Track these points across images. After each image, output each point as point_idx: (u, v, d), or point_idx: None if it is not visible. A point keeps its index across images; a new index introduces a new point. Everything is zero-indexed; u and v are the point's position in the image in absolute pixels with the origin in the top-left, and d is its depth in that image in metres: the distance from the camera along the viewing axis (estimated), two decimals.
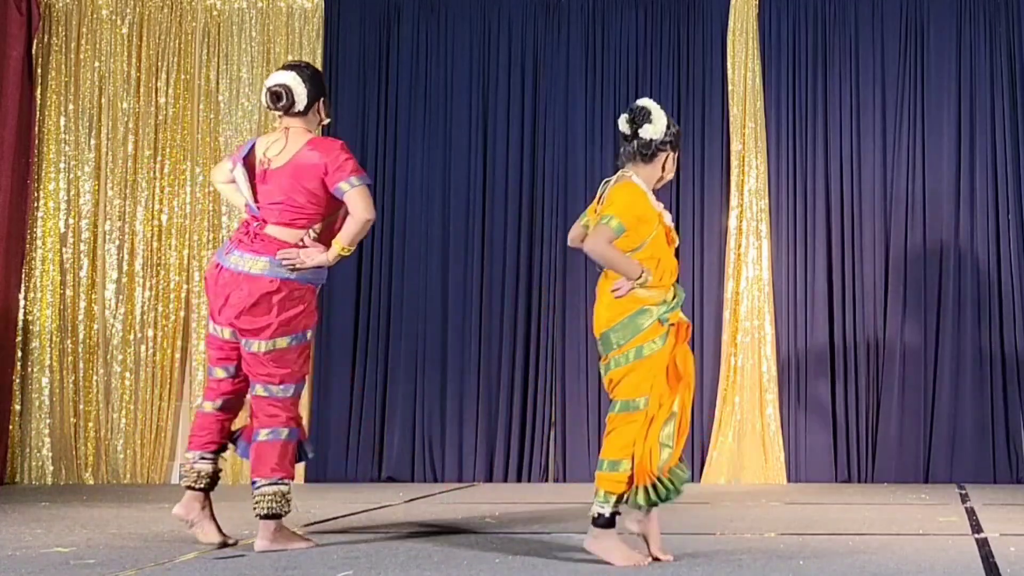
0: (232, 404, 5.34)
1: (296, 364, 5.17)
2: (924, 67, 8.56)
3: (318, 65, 8.68)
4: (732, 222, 8.46)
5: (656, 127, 4.88)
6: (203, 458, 5.28)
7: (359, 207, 5.11)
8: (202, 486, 5.28)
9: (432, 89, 8.85)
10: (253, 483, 5.14)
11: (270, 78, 5.33)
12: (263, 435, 5.13)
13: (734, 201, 8.50)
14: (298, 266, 5.10)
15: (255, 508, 5.12)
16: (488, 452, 8.58)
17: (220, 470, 5.37)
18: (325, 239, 5.20)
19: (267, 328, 5.09)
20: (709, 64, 8.69)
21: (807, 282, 8.47)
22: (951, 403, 8.32)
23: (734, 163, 8.52)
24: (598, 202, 4.92)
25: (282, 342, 5.12)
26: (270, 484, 5.10)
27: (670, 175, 5.05)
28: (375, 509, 6.64)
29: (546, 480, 8.56)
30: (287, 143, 5.21)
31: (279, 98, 5.22)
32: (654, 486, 4.69)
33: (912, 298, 8.41)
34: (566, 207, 8.70)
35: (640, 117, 4.87)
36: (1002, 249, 8.40)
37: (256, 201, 5.20)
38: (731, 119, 8.53)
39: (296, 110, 5.24)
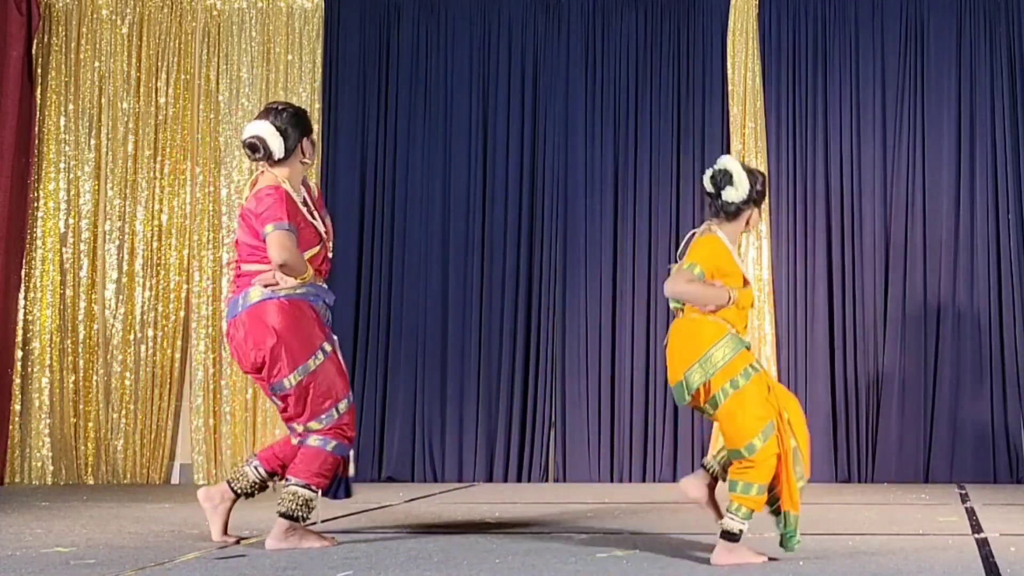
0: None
1: (328, 385, 5.15)
2: (924, 67, 8.56)
3: (318, 65, 8.69)
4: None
5: (738, 191, 4.90)
6: (257, 468, 5.29)
7: (271, 254, 5.07)
8: (237, 488, 5.29)
9: (432, 89, 8.85)
10: (285, 479, 5.18)
11: (245, 129, 5.31)
12: (312, 440, 5.14)
13: None
14: (276, 288, 5.11)
15: (278, 504, 5.15)
16: (488, 452, 8.58)
17: (263, 488, 5.34)
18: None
19: (286, 360, 5.09)
20: (709, 64, 8.69)
21: (807, 282, 8.48)
22: (951, 403, 8.33)
23: None
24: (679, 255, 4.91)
25: (303, 371, 5.11)
26: (299, 486, 5.12)
27: (754, 228, 5.13)
28: (375, 509, 6.64)
29: (546, 480, 8.56)
30: (255, 186, 5.26)
31: (255, 149, 5.21)
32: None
33: (912, 298, 8.41)
34: (566, 207, 8.70)
35: (722, 180, 4.90)
36: (1002, 249, 8.40)
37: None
38: (731, 119, 8.53)
39: (275, 159, 5.22)
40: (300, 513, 5.13)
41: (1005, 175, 8.42)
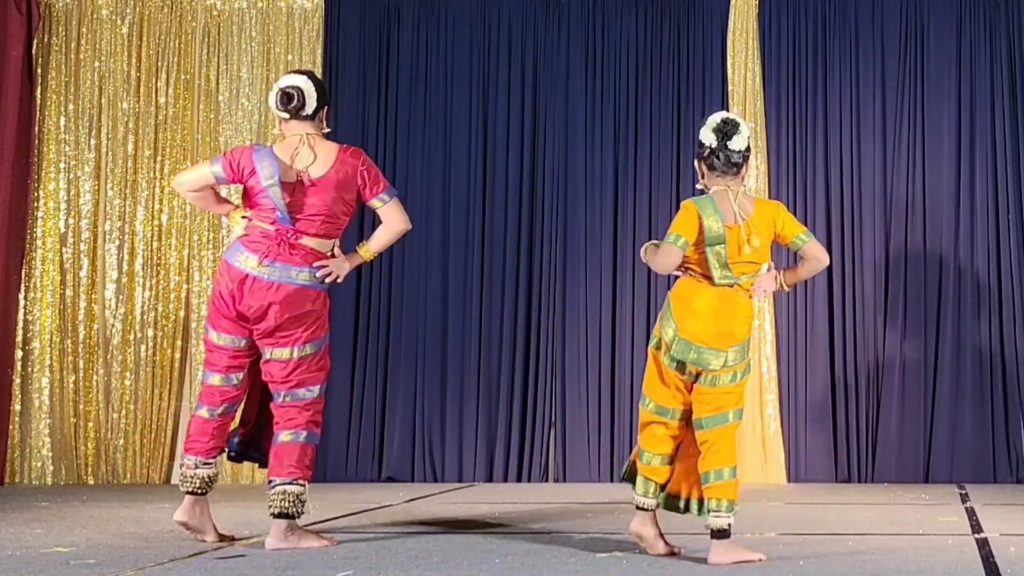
0: (234, 409, 5.38)
1: (319, 365, 5.26)
2: (924, 67, 8.56)
3: (318, 65, 8.70)
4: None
5: (744, 137, 4.94)
6: (205, 463, 5.32)
7: (398, 218, 5.37)
8: (202, 491, 5.30)
9: (432, 89, 8.85)
10: (269, 482, 5.18)
11: (282, 79, 5.36)
12: (284, 436, 5.19)
13: None
14: (332, 279, 5.25)
15: (269, 507, 5.15)
16: (488, 452, 8.58)
17: (218, 473, 5.42)
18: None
19: (300, 336, 5.18)
20: (709, 64, 8.69)
21: (807, 282, 8.47)
22: (951, 403, 8.32)
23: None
24: (724, 225, 4.87)
25: (310, 348, 5.22)
26: (285, 484, 5.13)
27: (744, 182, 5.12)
28: (375, 509, 6.64)
29: (546, 480, 8.56)
30: (317, 154, 5.24)
31: (291, 99, 5.24)
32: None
33: (912, 298, 8.41)
34: (566, 207, 8.70)
35: (730, 128, 4.92)
36: (1002, 249, 8.40)
37: (290, 212, 5.20)
38: None
39: (305, 113, 5.27)
40: (293, 510, 5.14)
41: (1005, 175, 8.42)
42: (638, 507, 4.94)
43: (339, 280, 5.30)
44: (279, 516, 5.13)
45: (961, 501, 6.99)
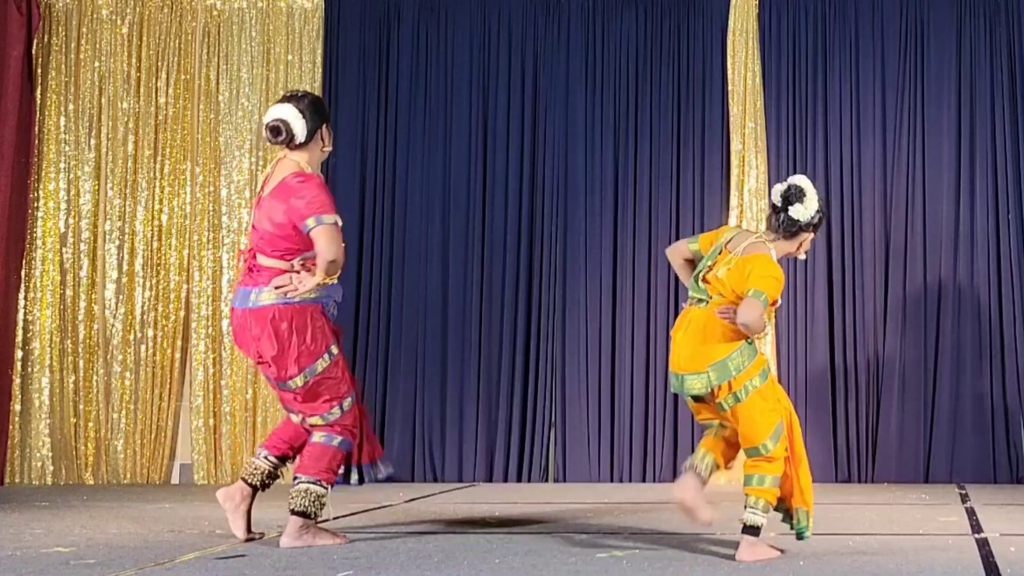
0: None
1: (334, 386, 5.19)
2: (924, 67, 8.56)
3: (318, 65, 8.70)
4: (732, 222, 8.45)
5: (807, 210, 4.98)
6: (267, 457, 5.33)
7: (320, 248, 5.00)
8: (254, 482, 5.31)
9: (432, 89, 8.85)
10: (295, 478, 5.20)
11: (268, 112, 5.29)
12: (317, 437, 5.21)
13: (734, 201, 8.50)
14: (291, 294, 5.07)
15: (290, 502, 5.18)
16: (488, 452, 8.58)
17: (277, 476, 5.39)
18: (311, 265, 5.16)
19: (292, 365, 5.11)
20: (709, 64, 8.69)
21: (807, 282, 8.47)
22: (951, 403, 8.33)
23: (734, 163, 8.52)
24: (722, 246, 4.98)
25: (310, 373, 5.15)
26: (308, 482, 5.15)
27: (802, 255, 5.16)
28: (375, 509, 6.64)
29: (546, 480, 8.56)
30: (274, 172, 5.23)
31: (278, 133, 5.19)
32: None
33: (912, 298, 8.41)
34: (566, 207, 8.70)
35: (795, 196, 4.97)
36: (1002, 249, 8.40)
37: (252, 232, 5.23)
38: (731, 119, 8.53)
39: (296, 143, 5.22)
40: (312, 510, 5.17)
41: (1005, 175, 8.42)
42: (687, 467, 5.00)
43: (300, 289, 5.07)
44: (297, 514, 5.15)
45: (961, 501, 6.99)
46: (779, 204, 5.00)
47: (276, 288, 5.08)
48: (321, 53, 8.77)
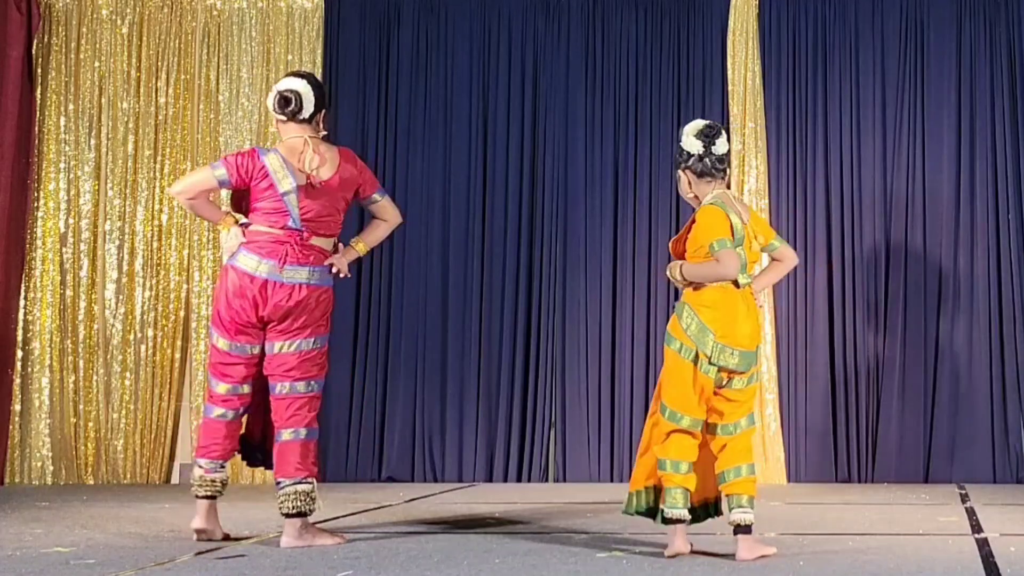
0: (245, 413, 5.42)
1: (322, 361, 5.37)
2: (924, 67, 8.56)
3: (318, 65, 8.70)
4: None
5: (725, 140, 5.03)
6: (221, 467, 5.34)
7: (393, 213, 5.54)
8: (219, 495, 5.34)
9: (432, 89, 8.85)
10: (277, 483, 5.22)
11: (281, 82, 5.42)
12: (285, 435, 5.24)
13: None
14: (340, 273, 5.37)
15: (280, 507, 5.19)
16: (488, 452, 8.58)
17: (225, 479, 5.42)
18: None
19: (306, 329, 5.28)
20: (709, 64, 8.69)
21: (807, 282, 8.47)
22: (951, 403, 8.33)
23: (734, 163, 8.51)
24: (742, 226, 4.96)
25: (317, 342, 5.32)
26: (294, 483, 5.18)
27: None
28: (375, 509, 6.64)
29: (546, 480, 8.56)
30: (323, 157, 5.32)
31: (288, 103, 5.30)
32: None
33: (912, 298, 8.41)
34: (566, 208, 8.70)
35: (714, 132, 4.99)
36: (1002, 249, 8.39)
37: (300, 215, 5.29)
38: (731, 119, 8.53)
39: (302, 117, 5.32)
40: (306, 508, 5.20)
41: (1005, 175, 8.42)
42: (672, 520, 4.86)
43: (342, 275, 5.40)
44: (293, 515, 5.16)
45: (961, 501, 6.99)
46: (701, 148, 4.95)
47: (333, 270, 5.35)
48: (321, 53, 8.77)
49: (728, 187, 5.10)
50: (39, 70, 8.75)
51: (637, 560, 4.81)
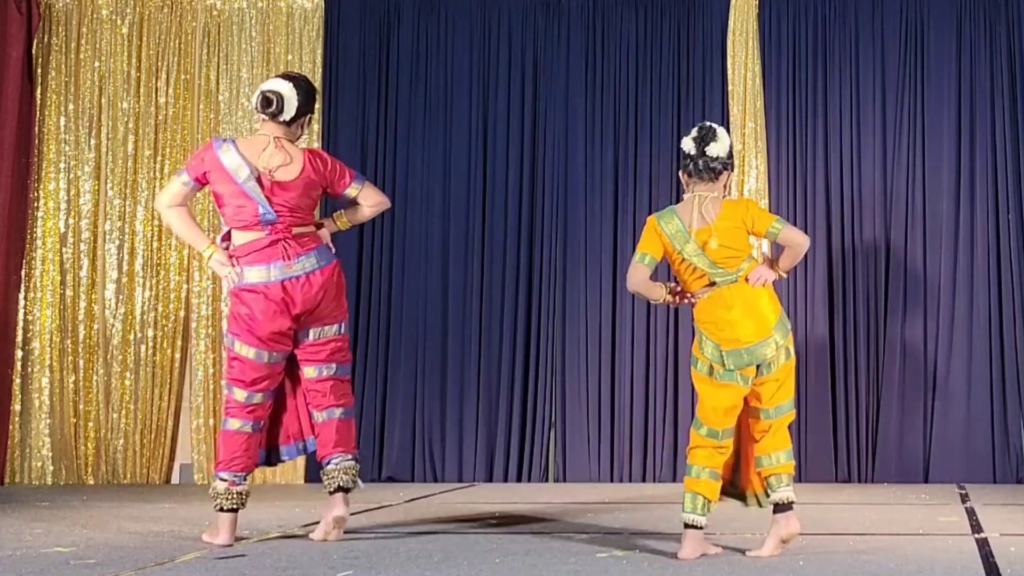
0: (265, 422, 5.45)
1: (349, 345, 5.58)
2: (924, 67, 8.56)
3: (318, 65, 8.70)
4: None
5: (721, 146, 5.05)
6: (244, 479, 5.34)
7: (375, 196, 5.56)
8: (242, 507, 5.34)
9: (432, 89, 8.85)
10: (329, 459, 5.37)
11: (267, 82, 5.46)
12: (340, 413, 5.43)
13: None
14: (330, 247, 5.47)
15: (338, 480, 5.33)
16: (488, 452, 8.58)
17: (248, 492, 5.43)
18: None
19: (340, 311, 5.43)
20: (709, 64, 8.69)
21: (807, 282, 8.47)
22: (951, 403, 8.32)
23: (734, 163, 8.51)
24: (687, 230, 5.00)
25: (343, 327, 5.48)
26: (351, 459, 5.40)
27: (729, 191, 5.24)
28: (375, 509, 6.64)
29: (546, 480, 8.56)
30: (288, 157, 5.33)
31: (269, 103, 5.32)
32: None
33: (912, 298, 8.41)
34: (566, 208, 8.70)
35: (708, 135, 5.04)
36: (1002, 249, 8.40)
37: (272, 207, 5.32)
38: (731, 119, 8.53)
39: (283, 119, 5.35)
40: (353, 484, 5.40)
41: (1005, 175, 8.42)
42: (687, 525, 4.88)
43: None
44: (344, 490, 5.34)
45: (961, 501, 6.99)
46: (694, 149, 5.02)
47: (329, 245, 5.45)
48: (321, 53, 8.77)
49: (727, 188, 5.12)
50: (39, 70, 8.75)
51: (637, 560, 4.81)
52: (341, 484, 5.31)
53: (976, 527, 5.79)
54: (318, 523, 5.50)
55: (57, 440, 8.50)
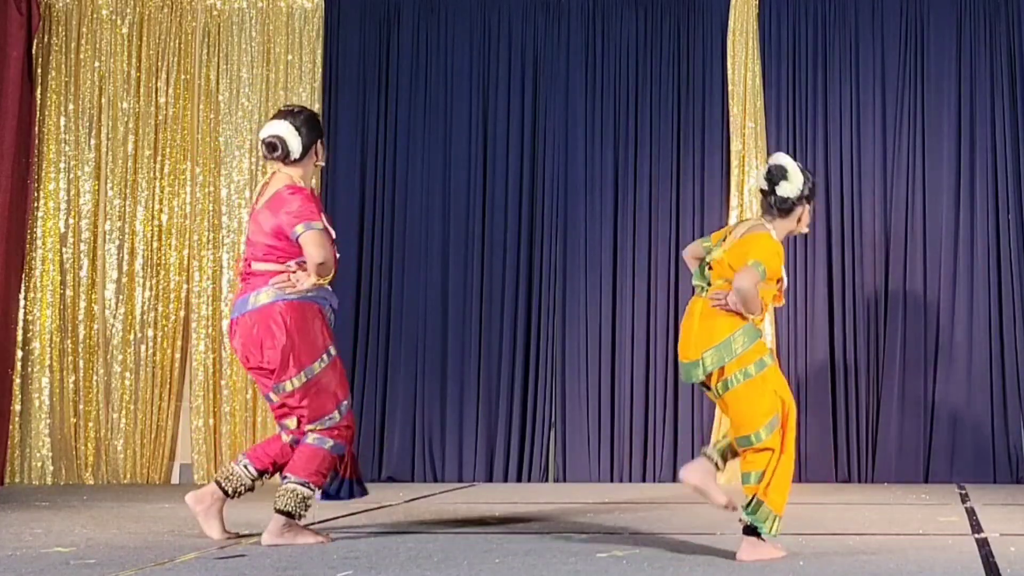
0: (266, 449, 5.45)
1: (331, 389, 5.24)
2: (924, 67, 8.56)
3: (318, 65, 8.70)
4: (732, 222, 8.45)
5: (793, 186, 5.03)
6: (247, 467, 5.34)
7: (312, 251, 5.12)
8: (227, 487, 5.33)
9: (432, 89, 8.85)
10: (284, 476, 5.25)
11: (264, 128, 5.41)
12: (311, 439, 5.23)
13: (734, 201, 8.50)
14: (289, 289, 5.17)
15: (276, 500, 5.22)
16: (488, 452, 8.58)
17: (251, 488, 5.41)
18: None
19: (292, 364, 5.16)
20: (709, 64, 8.69)
21: (807, 282, 8.48)
22: (951, 403, 8.33)
23: (734, 163, 8.52)
24: (727, 235, 5.06)
25: (308, 373, 5.20)
26: (297, 483, 5.19)
27: (804, 228, 5.19)
28: (375, 509, 6.64)
29: (546, 480, 8.57)
30: (268, 185, 5.33)
31: (274, 149, 5.31)
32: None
33: (912, 298, 8.41)
34: (566, 207, 8.70)
35: (778, 175, 5.03)
36: (1002, 249, 8.40)
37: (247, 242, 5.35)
38: (731, 119, 8.53)
39: (292, 159, 5.31)
40: (298, 511, 5.20)
41: (1005, 175, 8.42)
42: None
43: (297, 287, 5.18)
44: (282, 513, 5.17)
45: (961, 501, 6.99)
46: (766, 188, 5.05)
47: (275, 285, 5.17)
48: (321, 53, 8.77)
49: (800, 221, 5.12)
50: (39, 70, 8.75)
51: (637, 560, 4.81)
52: (277, 505, 5.20)
53: (976, 527, 5.79)
54: (318, 523, 5.50)
55: (57, 440, 8.50)
